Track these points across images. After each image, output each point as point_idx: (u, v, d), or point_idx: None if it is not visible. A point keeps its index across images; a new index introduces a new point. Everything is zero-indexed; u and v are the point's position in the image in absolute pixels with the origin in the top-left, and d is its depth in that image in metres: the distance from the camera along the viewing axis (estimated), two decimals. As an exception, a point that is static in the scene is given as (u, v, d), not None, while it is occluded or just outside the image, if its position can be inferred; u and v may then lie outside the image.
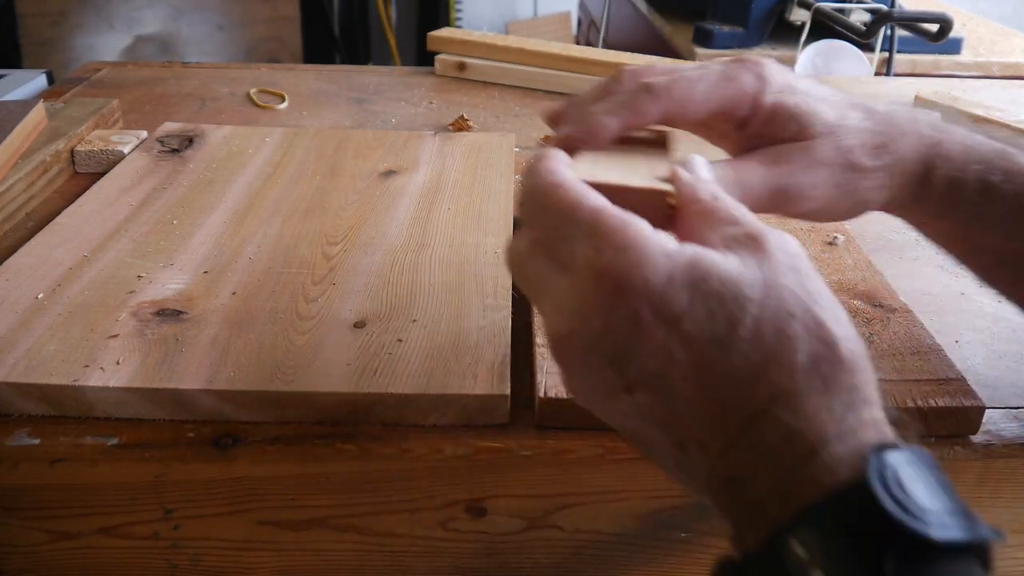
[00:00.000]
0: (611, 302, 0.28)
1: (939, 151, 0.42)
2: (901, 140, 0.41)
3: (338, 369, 0.43)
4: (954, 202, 0.42)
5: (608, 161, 0.36)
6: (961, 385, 0.43)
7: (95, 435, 0.41)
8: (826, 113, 0.40)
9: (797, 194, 0.40)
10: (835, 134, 0.40)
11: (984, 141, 0.42)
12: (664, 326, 0.27)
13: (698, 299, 0.27)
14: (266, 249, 0.55)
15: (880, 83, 1.09)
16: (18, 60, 2.12)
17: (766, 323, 0.27)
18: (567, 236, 0.29)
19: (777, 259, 0.29)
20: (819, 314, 0.27)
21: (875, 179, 0.41)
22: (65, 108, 0.75)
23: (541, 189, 0.31)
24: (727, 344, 0.27)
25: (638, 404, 0.28)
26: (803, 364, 0.27)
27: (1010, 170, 0.41)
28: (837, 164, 0.40)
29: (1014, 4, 2.63)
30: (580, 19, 2.84)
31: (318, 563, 0.44)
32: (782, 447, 0.26)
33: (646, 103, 0.38)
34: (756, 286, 0.28)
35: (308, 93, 0.93)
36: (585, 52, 0.96)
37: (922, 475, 0.25)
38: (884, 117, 0.42)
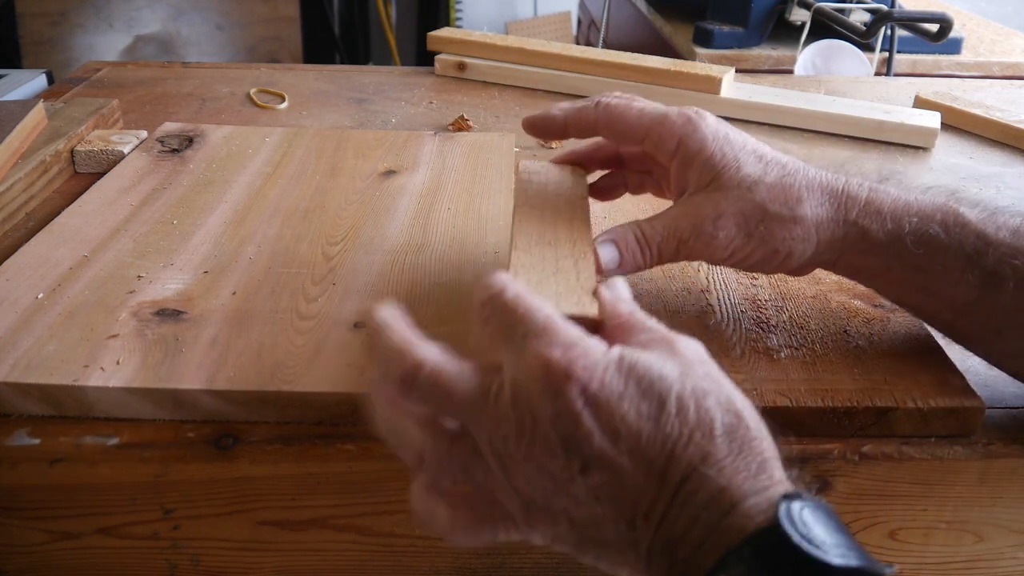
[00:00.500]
0: (559, 389, 0.31)
1: (870, 209, 0.43)
2: (820, 196, 0.43)
3: (338, 369, 0.43)
4: (896, 254, 0.43)
5: (542, 271, 0.41)
6: (961, 385, 0.43)
7: (95, 435, 0.41)
8: (747, 166, 0.44)
9: (703, 245, 0.44)
10: (750, 186, 0.43)
11: (923, 198, 0.44)
12: (606, 408, 0.31)
13: (631, 383, 0.32)
14: (266, 249, 0.55)
15: (880, 83, 1.09)
16: (18, 60, 2.12)
17: (687, 399, 0.32)
18: (523, 333, 0.33)
19: (686, 355, 0.34)
20: (728, 393, 0.33)
21: (791, 230, 0.43)
22: (65, 108, 0.75)
23: (503, 297, 0.35)
24: (658, 419, 0.31)
25: (591, 484, 0.31)
26: (720, 432, 0.31)
27: (947, 222, 0.42)
28: (747, 214, 0.43)
29: (1014, 4, 2.63)
30: (580, 19, 2.85)
31: (318, 563, 0.44)
32: (710, 503, 0.30)
33: (589, 110, 0.46)
34: (674, 371, 0.32)
35: (308, 93, 0.93)
36: (585, 52, 0.96)
37: (821, 519, 0.29)
38: (810, 175, 0.44)
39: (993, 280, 0.41)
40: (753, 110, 0.88)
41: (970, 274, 0.42)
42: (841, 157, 0.79)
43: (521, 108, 0.90)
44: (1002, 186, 0.73)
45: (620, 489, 0.31)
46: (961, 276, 0.42)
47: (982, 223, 0.42)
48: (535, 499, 0.33)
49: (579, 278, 0.41)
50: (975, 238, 0.42)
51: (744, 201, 0.43)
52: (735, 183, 0.43)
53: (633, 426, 0.31)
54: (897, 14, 1.28)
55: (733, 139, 0.44)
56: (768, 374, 0.43)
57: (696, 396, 0.32)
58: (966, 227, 0.42)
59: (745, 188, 0.43)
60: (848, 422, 0.42)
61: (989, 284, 0.41)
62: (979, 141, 0.85)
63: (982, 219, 0.42)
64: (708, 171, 0.44)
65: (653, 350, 0.34)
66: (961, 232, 0.42)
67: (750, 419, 0.32)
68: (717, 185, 0.43)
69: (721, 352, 0.45)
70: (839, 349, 0.46)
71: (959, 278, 0.42)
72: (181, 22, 2.28)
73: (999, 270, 0.41)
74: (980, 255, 0.41)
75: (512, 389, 0.32)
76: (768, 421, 0.41)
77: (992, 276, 0.41)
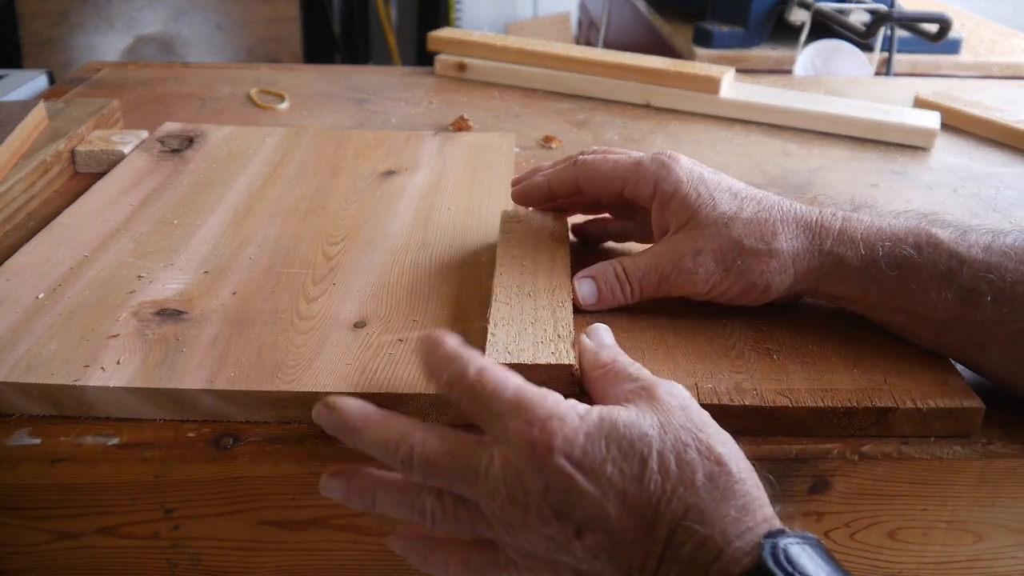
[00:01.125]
0: (544, 462, 0.33)
1: (844, 238, 0.44)
2: (795, 228, 0.45)
3: (338, 369, 0.43)
4: (872, 277, 0.44)
5: (520, 322, 0.44)
6: (961, 386, 0.43)
7: (95, 435, 0.41)
8: (722, 204, 0.46)
9: (683, 280, 0.46)
10: (726, 223, 0.45)
11: (895, 222, 0.45)
12: (591, 474, 0.33)
13: (612, 446, 0.33)
14: (266, 249, 0.55)
15: (880, 83, 1.09)
16: (18, 60, 2.11)
17: (667, 455, 0.33)
18: (498, 412, 0.35)
19: (667, 403, 0.35)
20: (708, 440, 0.34)
21: (768, 263, 0.45)
22: (65, 108, 0.75)
23: (468, 380, 0.36)
24: (641, 478, 0.33)
25: (587, 546, 0.33)
26: (702, 482, 0.33)
27: (920, 243, 0.44)
28: (724, 249, 0.45)
29: (1014, 4, 2.63)
30: (580, 19, 2.85)
31: (318, 563, 0.44)
32: (697, 552, 0.32)
33: (568, 171, 0.50)
34: (654, 427, 0.34)
35: (308, 93, 0.93)
36: (585, 52, 0.96)
37: (807, 552, 0.31)
38: (784, 209, 0.46)
39: (970, 296, 0.42)
40: (753, 110, 0.88)
41: (947, 292, 0.43)
42: (841, 157, 0.79)
43: (521, 108, 0.90)
44: (1001, 186, 0.73)
45: (614, 547, 0.33)
46: (938, 295, 0.43)
47: (954, 242, 0.43)
48: (539, 554, 0.35)
49: (556, 327, 0.43)
50: (948, 257, 0.43)
51: (721, 237, 0.45)
52: (712, 220, 0.45)
53: (619, 487, 0.33)
54: (897, 14, 1.28)
55: (707, 178, 0.47)
56: (768, 374, 0.43)
57: (676, 450, 0.33)
58: (939, 247, 0.43)
59: (722, 224, 0.45)
60: (848, 422, 0.42)
61: (966, 300, 0.42)
62: (979, 141, 0.85)
63: (954, 238, 0.43)
64: (685, 210, 0.46)
65: (633, 405, 0.35)
66: (934, 252, 0.43)
67: (731, 462, 0.34)
68: (695, 223, 0.45)
69: (721, 352, 0.45)
70: (839, 349, 0.46)
71: (936, 297, 0.43)
72: (181, 22, 2.28)
73: (975, 286, 0.42)
74: (955, 273, 0.42)
75: (501, 466, 0.34)
76: (768, 421, 0.42)
77: (969, 292, 0.42)
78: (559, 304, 0.45)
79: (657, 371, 0.43)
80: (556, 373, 0.41)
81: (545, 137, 0.80)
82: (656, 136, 0.83)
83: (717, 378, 0.43)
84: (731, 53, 1.40)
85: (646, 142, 0.81)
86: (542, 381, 0.40)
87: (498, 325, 0.43)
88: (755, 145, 0.81)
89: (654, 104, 0.92)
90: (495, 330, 0.43)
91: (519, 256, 0.50)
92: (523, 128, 0.84)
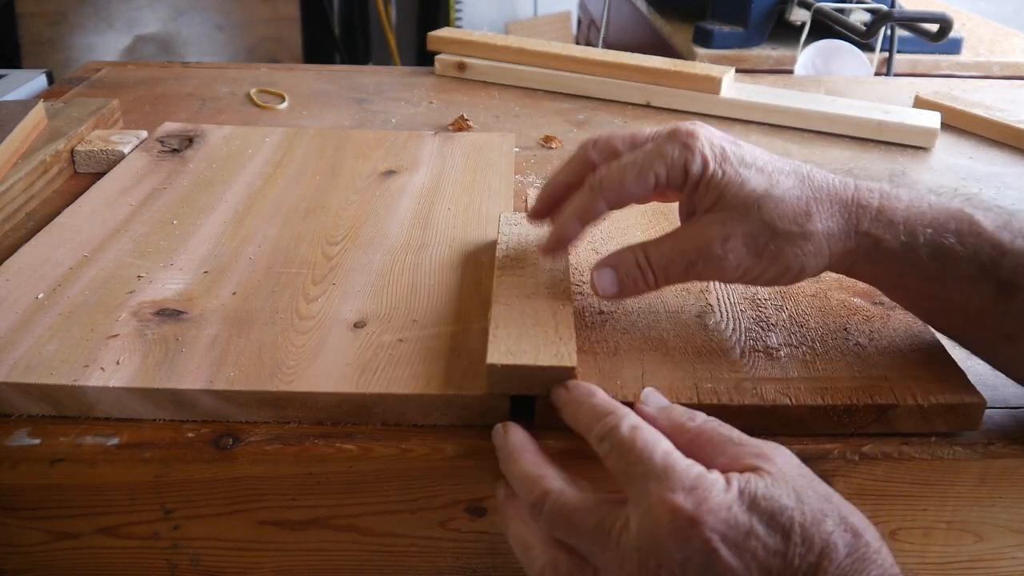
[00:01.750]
0: (687, 534, 0.32)
1: (883, 218, 0.42)
2: (830, 207, 0.42)
3: (338, 369, 0.43)
4: (910, 263, 0.42)
5: (521, 324, 0.43)
6: (962, 381, 0.43)
7: (95, 435, 0.41)
8: (751, 182, 0.42)
9: (712, 267, 0.43)
10: (757, 204, 0.42)
11: (936, 203, 0.43)
12: (734, 548, 0.32)
13: (755, 519, 0.32)
14: (266, 249, 0.55)
15: (880, 83, 1.09)
16: (18, 60, 2.11)
17: (809, 528, 0.32)
18: (643, 473, 0.34)
19: (787, 471, 0.35)
20: (840, 510, 0.34)
21: (803, 246, 0.42)
22: (65, 108, 0.75)
23: (620, 435, 0.36)
24: (785, 553, 0.32)
25: None
26: (844, 555, 0.32)
27: (962, 231, 0.41)
28: (755, 233, 0.42)
29: (1014, 4, 2.63)
30: (580, 19, 2.84)
31: (318, 563, 0.44)
32: None
33: (595, 203, 0.44)
34: (791, 498, 0.33)
35: (308, 93, 0.93)
36: (585, 52, 0.96)
37: None
38: (817, 184, 0.43)
39: (1007, 289, 0.41)
40: (753, 110, 0.87)
41: (984, 283, 0.41)
42: (841, 157, 0.79)
43: (521, 108, 0.90)
44: (1002, 186, 0.73)
45: None
46: (975, 285, 0.41)
47: (998, 231, 0.41)
48: None
49: (558, 329, 0.43)
50: (990, 248, 0.41)
51: (752, 220, 0.42)
52: (740, 200, 0.42)
53: (763, 561, 0.32)
54: (897, 14, 1.28)
55: (730, 153, 0.43)
56: (768, 372, 0.43)
57: (816, 522, 0.33)
58: (981, 236, 0.41)
59: (752, 205, 0.42)
60: (848, 420, 0.42)
61: (1003, 293, 0.41)
62: (979, 141, 0.85)
63: (998, 226, 0.42)
64: (712, 191, 0.42)
65: (759, 474, 0.34)
66: (976, 242, 0.41)
67: (866, 532, 0.33)
68: (723, 204, 0.42)
69: (721, 351, 0.45)
70: (839, 347, 0.46)
71: (973, 287, 0.41)
72: (181, 22, 2.28)
73: (1014, 280, 0.41)
74: (995, 265, 0.41)
75: (637, 532, 0.33)
76: (769, 420, 0.42)
77: (1006, 285, 0.41)
78: (560, 306, 0.45)
79: (658, 371, 0.43)
80: (558, 375, 0.40)
81: (545, 137, 0.80)
82: (656, 136, 0.83)
83: (717, 377, 0.43)
84: (731, 53, 1.40)
85: (646, 142, 0.81)
86: (544, 383, 0.40)
87: (499, 326, 0.43)
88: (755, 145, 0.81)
89: (654, 104, 0.92)
90: (496, 331, 0.43)
91: (518, 258, 0.50)
92: (523, 128, 0.84)
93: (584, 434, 0.38)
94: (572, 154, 0.47)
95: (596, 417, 0.38)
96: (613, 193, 0.44)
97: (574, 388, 0.40)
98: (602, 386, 0.42)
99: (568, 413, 0.40)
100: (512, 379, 0.40)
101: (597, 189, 0.44)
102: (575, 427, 0.39)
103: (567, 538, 0.36)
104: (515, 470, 0.38)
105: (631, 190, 0.43)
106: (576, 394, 0.39)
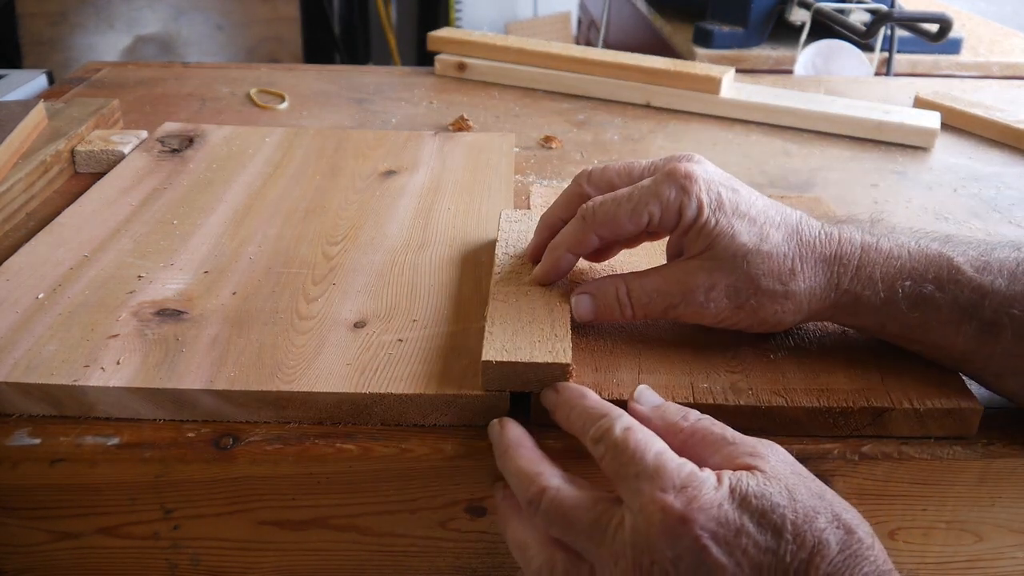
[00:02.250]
0: (677, 532, 0.33)
1: (862, 276, 0.43)
2: (813, 265, 0.43)
3: (338, 369, 0.43)
4: (890, 316, 0.43)
5: (517, 320, 0.44)
6: (959, 386, 0.43)
7: (95, 435, 0.41)
8: (742, 236, 0.42)
9: (692, 312, 0.43)
10: (745, 259, 0.42)
11: (916, 249, 0.43)
12: (724, 545, 0.32)
13: (746, 517, 0.33)
14: (266, 249, 0.55)
15: (880, 83, 1.09)
16: (18, 60, 2.11)
17: (800, 525, 0.33)
18: (636, 473, 0.35)
19: (781, 469, 0.35)
20: (832, 507, 0.34)
21: (783, 304, 0.43)
22: (65, 108, 0.75)
23: (614, 436, 0.36)
24: (776, 550, 0.32)
25: None
26: (836, 551, 0.32)
27: (941, 277, 0.42)
28: (739, 288, 0.43)
29: (1014, 4, 2.63)
30: (580, 19, 2.84)
31: (318, 563, 0.44)
32: None
33: (587, 236, 0.45)
34: (783, 496, 0.33)
35: (308, 93, 0.93)
36: (585, 52, 0.96)
37: None
38: (805, 240, 0.43)
39: (991, 330, 0.41)
40: (753, 110, 0.88)
41: (967, 325, 0.41)
42: (841, 157, 0.79)
43: (521, 108, 0.90)
44: (1002, 186, 0.73)
45: None
46: (958, 328, 0.42)
47: (977, 273, 0.42)
48: None
49: (553, 327, 0.43)
50: (970, 291, 0.41)
51: (738, 273, 0.42)
52: (730, 253, 0.42)
53: (754, 559, 0.32)
54: (897, 14, 1.28)
55: (725, 201, 0.43)
56: (764, 374, 0.43)
57: (809, 519, 0.33)
58: (959, 281, 0.42)
59: (740, 258, 0.42)
60: (844, 422, 0.42)
61: (987, 333, 0.41)
62: (979, 141, 0.85)
63: (977, 268, 0.42)
64: (703, 239, 0.43)
65: (752, 472, 0.34)
66: (956, 287, 0.42)
67: (859, 529, 0.33)
68: (712, 254, 0.43)
69: (717, 351, 0.45)
70: (836, 349, 0.46)
71: (956, 330, 0.42)
72: (181, 22, 2.28)
73: (997, 320, 0.41)
74: (976, 307, 0.41)
75: (631, 530, 0.34)
76: (764, 421, 0.42)
77: (990, 326, 0.41)
78: (556, 303, 0.45)
79: (654, 370, 0.43)
80: (553, 372, 0.41)
81: (545, 137, 0.80)
82: (656, 136, 0.83)
83: (713, 377, 0.43)
84: (731, 53, 1.40)
85: (646, 142, 0.81)
86: (539, 380, 0.40)
87: (495, 323, 0.43)
88: (755, 145, 0.81)
89: (654, 104, 0.92)
90: (492, 328, 0.43)
91: (518, 255, 0.50)
92: (523, 128, 0.84)
93: (579, 436, 0.38)
94: (567, 188, 0.48)
95: (590, 420, 0.38)
96: (605, 227, 0.44)
97: (564, 390, 0.40)
98: (598, 384, 0.42)
99: (560, 416, 0.40)
100: (507, 376, 0.41)
101: (590, 221, 0.45)
102: (568, 429, 0.39)
103: (563, 535, 0.36)
104: (511, 466, 0.38)
105: (624, 226, 0.44)
106: (567, 396, 0.40)
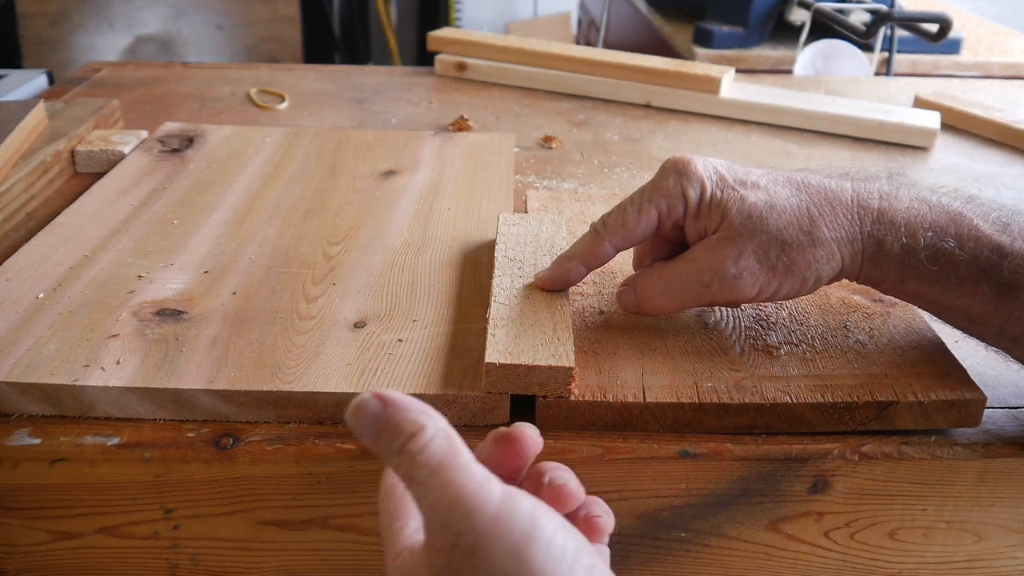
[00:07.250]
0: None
1: (884, 220, 0.42)
2: (832, 212, 0.42)
3: (338, 369, 0.43)
4: (911, 266, 0.42)
5: (519, 324, 0.43)
6: (962, 378, 0.43)
7: (95, 435, 0.41)
8: (750, 197, 0.43)
9: (728, 287, 0.43)
10: (761, 217, 0.42)
11: (936, 205, 0.43)
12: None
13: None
14: (266, 249, 0.55)
15: (880, 83, 1.09)
16: (18, 60, 2.11)
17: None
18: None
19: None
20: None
21: (813, 253, 0.42)
22: (65, 108, 0.75)
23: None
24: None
25: None
26: None
27: (962, 235, 0.42)
28: (765, 247, 0.42)
29: (1014, 4, 2.63)
30: (580, 19, 2.84)
31: (318, 563, 0.44)
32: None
33: (601, 246, 0.45)
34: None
35: (308, 93, 0.93)
36: (585, 52, 0.96)
37: None
38: (814, 189, 0.43)
39: (1009, 291, 0.41)
40: (753, 110, 0.88)
41: (985, 286, 0.41)
42: (841, 157, 0.79)
43: (521, 108, 0.90)
44: (1002, 186, 0.73)
45: None
46: (976, 288, 0.41)
47: (997, 234, 0.41)
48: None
49: (555, 330, 0.43)
50: (990, 251, 0.41)
51: (760, 235, 0.42)
52: (745, 216, 0.42)
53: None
54: (897, 14, 1.28)
55: (726, 174, 0.44)
56: (768, 371, 0.43)
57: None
58: (980, 240, 0.41)
59: (757, 218, 0.42)
60: (849, 417, 0.42)
61: (1004, 295, 0.41)
62: (979, 141, 0.85)
63: (997, 229, 0.42)
64: (716, 212, 0.43)
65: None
66: (975, 246, 0.41)
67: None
68: (728, 223, 0.42)
69: (720, 350, 0.45)
70: (839, 344, 0.46)
71: (973, 290, 0.41)
72: (181, 22, 2.28)
73: (1014, 281, 0.41)
74: (995, 268, 0.41)
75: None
76: (769, 418, 0.42)
77: (1008, 287, 0.41)
78: (559, 306, 0.45)
79: (657, 372, 0.43)
80: (556, 375, 0.41)
81: (545, 137, 0.80)
82: (656, 136, 0.83)
83: (717, 376, 0.43)
84: (731, 53, 1.40)
85: (646, 142, 0.81)
86: (541, 383, 0.40)
87: (497, 326, 0.43)
88: (755, 145, 0.81)
89: (654, 104, 0.92)
90: (495, 331, 0.43)
91: (517, 258, 0.50)
92: (523, 128, 0.84)
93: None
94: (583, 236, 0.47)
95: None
96: (617, 235, 0.44)
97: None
98: (602, 387, 0.42)
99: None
100: (510, 379, 0.41)
101: (602, 232, 0.45)
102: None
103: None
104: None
105: (634, 227, 0.44)
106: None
